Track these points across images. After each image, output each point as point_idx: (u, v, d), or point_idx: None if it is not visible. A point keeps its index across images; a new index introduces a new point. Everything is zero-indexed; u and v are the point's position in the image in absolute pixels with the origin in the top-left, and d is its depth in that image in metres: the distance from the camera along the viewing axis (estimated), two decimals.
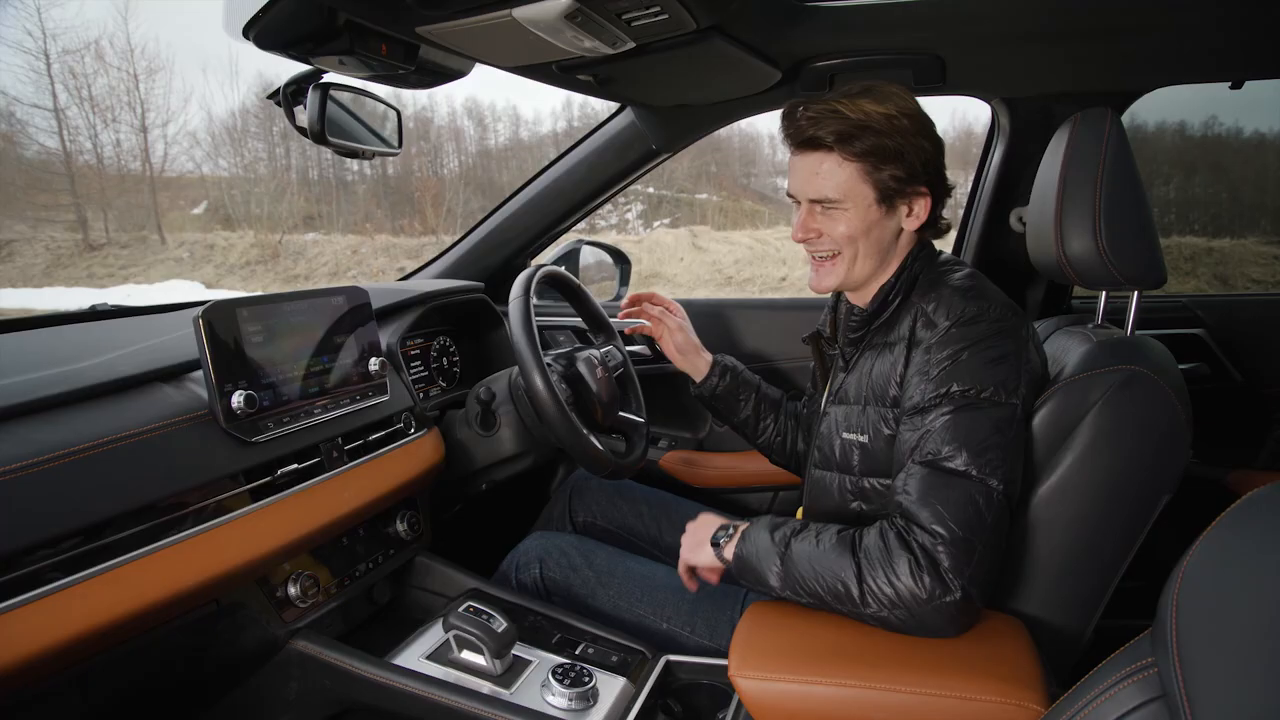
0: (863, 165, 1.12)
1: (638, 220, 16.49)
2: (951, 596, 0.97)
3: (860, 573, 1.00)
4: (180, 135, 16.30)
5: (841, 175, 1.13)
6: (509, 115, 19.38)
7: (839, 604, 1.03)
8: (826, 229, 1.17)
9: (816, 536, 1.06)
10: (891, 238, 1.19)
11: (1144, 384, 1.07)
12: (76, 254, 14.20)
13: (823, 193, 1.15)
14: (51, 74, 13.78)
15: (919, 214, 1.18)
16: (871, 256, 1.19)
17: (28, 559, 0.83)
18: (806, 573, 1.04)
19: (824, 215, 1.17)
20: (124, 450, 0.96)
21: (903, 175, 1.13)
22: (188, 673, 1.12)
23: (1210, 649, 0.53)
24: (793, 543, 1.07)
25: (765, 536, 1.10)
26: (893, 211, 1.17)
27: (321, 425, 1.23)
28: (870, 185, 1.14)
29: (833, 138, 1.11)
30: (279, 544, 1.10)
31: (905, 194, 1.16)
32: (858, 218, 1.15)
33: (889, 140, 1.11)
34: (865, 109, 1.11)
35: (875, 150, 1.11)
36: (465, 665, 1.21)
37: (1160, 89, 1.70)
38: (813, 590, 1.04)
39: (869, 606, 1.00)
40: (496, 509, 1.91)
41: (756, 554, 1.10)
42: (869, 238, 1.17)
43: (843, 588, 1.01)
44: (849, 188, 1.14)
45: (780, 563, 1.07)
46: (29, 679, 0.83)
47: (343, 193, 16.80)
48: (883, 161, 1.12)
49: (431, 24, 1.12)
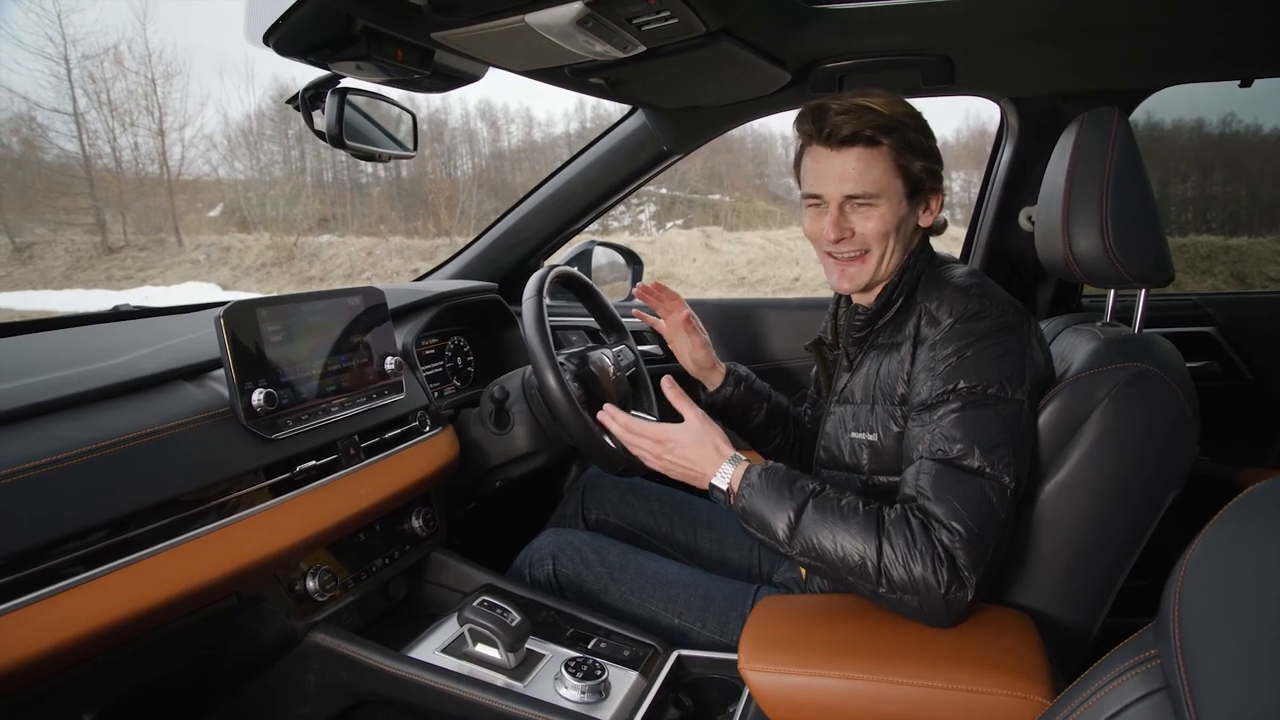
0: (899, 159, 1.14)
1: (651, 221, 16.50)
2: (964, 591, 0.98)
3: (880, 552, 1.00)
4: (197, 139, 16.46)
5: (878, 170, 1.15)
6: (522, 117, 19.40)
7: (851, 576, 1.02)
8: (859, 226, 1.18)
9: (839, 504, 1.05)
10: (912, 234, 1.21)
11: (1150, 381, 1.07)
12: (95, 256, 14.34)
13: (861, 187, 1.15)
14: (71, 79, 13.91)
15: (934, 210, 1.20)
16: (898, 253, 1.20)
17: (56, 552, 0.85)
18: (825, 540, 1.03)
19: (857, 213, 1.18)
20: (148, 447, 0.99)
21: (931, 169, 1.16)
22: (209, 664, 1.14)
23: (1212, 640, 0.54)
24: (811, 504, 1.06)
25: (778, 493, 1.08)
26: (915, 207, 1.19)
27: (339, 423, 1.26)
28: (902, 179, 1.16)
29: (873, 130, 1.13)
30: (297, 539, 1.13)
31: (926, 190, 1.18)
32: (891, 212, 1.16)
33: (917, 135, 1.14)
34: (892, 106, 1.14)
35: (911, 144, 1.14)
36: (479, 658, 1.23)
37: (1174, 87, 1.70)
38: (827, 558, 1.03)
39: (881, 586, 1.01)
40: (510, 506, 1.93)
41: (767, 509, 1.08)
42: (898, 233, 1.18)
43: (859, 561, 1.01)
44: (885, 182, 1.15)
45: (794, 520, 1.05)
46: (58, 667, 0.86)
47: (357, 195, 16.89)
48: (916, 155, 1.14)
49: (446, 30, 1.15)
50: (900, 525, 1.01)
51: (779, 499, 1.07)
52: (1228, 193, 12.54)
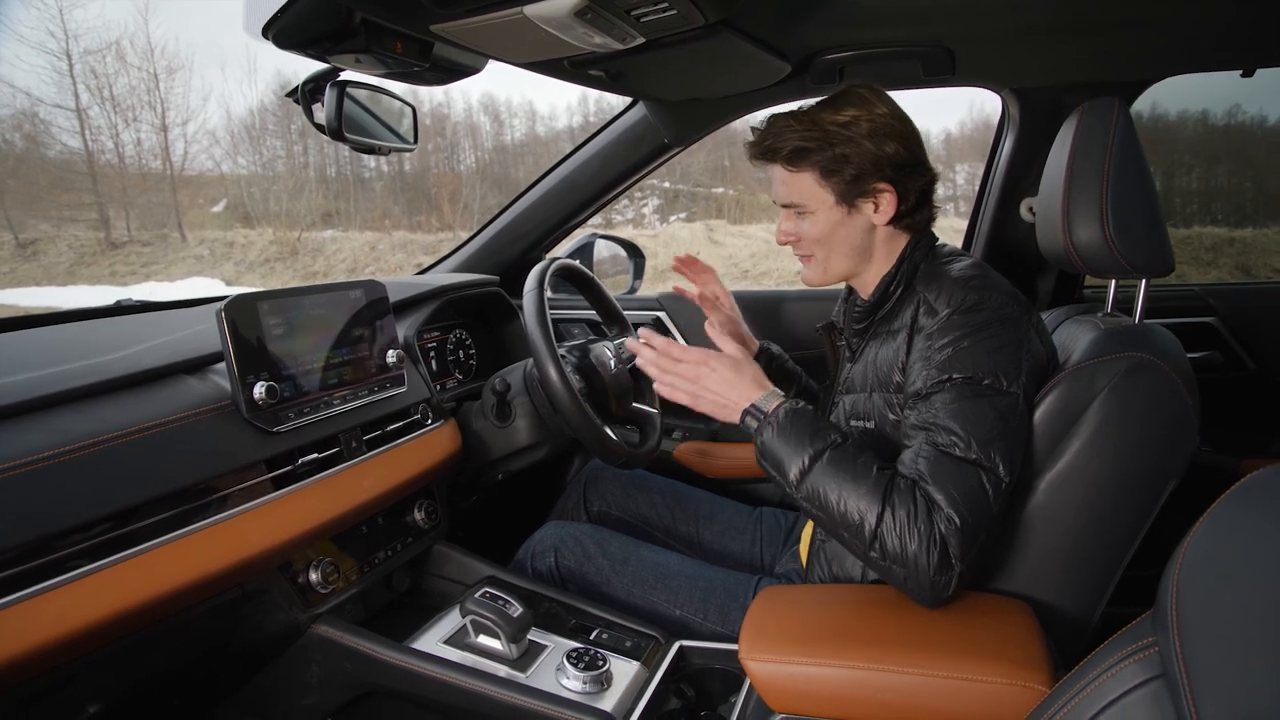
0: (814, 174, 1.18)
1: (654, 215, 16.46)
2: (948, 575, 0.99)
3: (881, 519, 1.01)
4: (200, 134, 16.41)
5: (800, 182, 1.20)
6: (525, 111, 19.36)
7: (845, 531, 1.04)
8: (801, 231, 1.23)
9: (855, 461, 1.05)
10: (863, 234, 1.22)
11: (1150, 371, 1.07)
12: (99, 252, 14.36)
13: (789, 198, 1.22)
14: (74, 74, 13.90)
15: (886, 209, 1.20)
16: (844, 254, 1.23)
17: (59, 544, 0.86)
18: (831, 493, 1.04)
19: (797, 219, 1.23)
20: (150, 439, 0.99)
21: (855, 175, 1.17)
22: (213, 656, 1.14)
23: (1209, 627, 0.54)
24: (827, 455, 1.06)
25: (800, 436, 1.08)
26: (856, 210, 1.20)
27: (341, 416, 1.26)
28: (828, 190, 1.19)
29: (785, 150, 1.18)
30: (300, 531, 1.13)
31: (865, 192, 1.19)
32: (823, 219, 1.21)
33: (839, 148, 1.16)
34: (818, 118, 1.17)
35: (822, 161, 1.17)
36: (482, 649, 1.24)
37: (1178, 77, 1.69)
38: (829, 509, 1.04)
39: (874, 551, 1.02)
40: (512, 499, 1.94)
41: (785, 449, 1.08)
42: (836, 237, 1.22)
43: (858, 521, 1.02)
44: (809, 193, 1.20)
45: (808, 465, 1.06)
46: (61, 661, 0.86)
47: (360, 190, 16.86)
48: (830, 169, 1.17)
49: (445, 22, 1.14)
50: (906, 498, 1.01)
51: (798, 442, 1.08)
52: (1233, 184, 12.47)
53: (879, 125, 1.17)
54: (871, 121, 1.16)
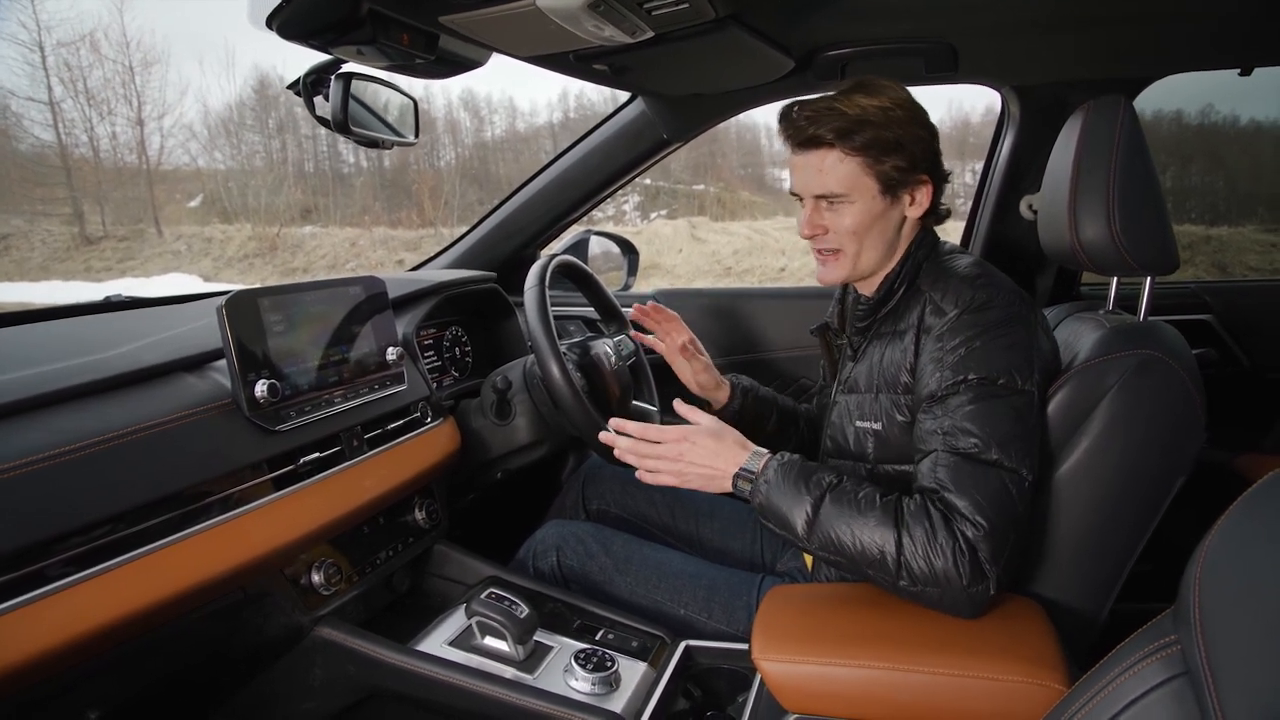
0: (865, 158, 1.14)
1: (635, 212, 16.45)
2: (985, 584, 0.98)
3: (900, 545, 1.00)
4: (176, 128, 16.14)
5: (844, 170, 1.15)
6: (505, 107, 19.19)
7: (870, 569, 1.02)
8: (832, 224, 1.18)
9: (857, 497, 1.04)
10: (896, 228, 1.20)
11: (1159, 368, 1.08)
12: (73, 247, 14.14)
13: (828, 188, 1.16)
14: (47, 67, 13.69)
15: (922, 202, 1.19)
16: (877, 248, 1.20)
17: (59, 548, 0.84)
18: (844, 535, 1.02)
19: (830, 210, 1.18)
20: (150, 439, 0.97)
21: (904, 165, 1.15)
22: (214, 661, 1.12)
23: (1234, 625, 0.54)
24: (828, 499, 1.05)
25: (795, 488, 1.07)
26: (896, 202, 1.18)
27: (342, 414, 1.24)
28: (873, 177, 1.15)
29: (833, 134, 1.13)
30: (302, 532, 1.11)
31: (907, 183, 1.17)
32: (863, 210, 1.16)
33: (887, 132, 1.13)
34: (860, 103, 1.13)
35: (875, 143, 1.13)
36: (488, 651, 1.22)
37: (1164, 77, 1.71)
38: (847, 552, 1.03)
39: (902, 579, 1.00)
40: (509, 498, 1.92)
41: (785, 504, 1.07)
42: (874, 230, 1.18)
43: (878, 554, 1.00)
44: (853, 181, 1.15)
45: (812, 514, 1.04)
46: (61, 667, 0.84)
47: (340, 186, 16.71)
48: (884, 153, 1.14)
49: (454, 13, 1.13)
50: (920, 517, 1.00)
51: (795, 494, 1.06)
52: (1206, 183, 12.67)
53: (916, 113, 1.16)
54: (906, 109, 1.15)
